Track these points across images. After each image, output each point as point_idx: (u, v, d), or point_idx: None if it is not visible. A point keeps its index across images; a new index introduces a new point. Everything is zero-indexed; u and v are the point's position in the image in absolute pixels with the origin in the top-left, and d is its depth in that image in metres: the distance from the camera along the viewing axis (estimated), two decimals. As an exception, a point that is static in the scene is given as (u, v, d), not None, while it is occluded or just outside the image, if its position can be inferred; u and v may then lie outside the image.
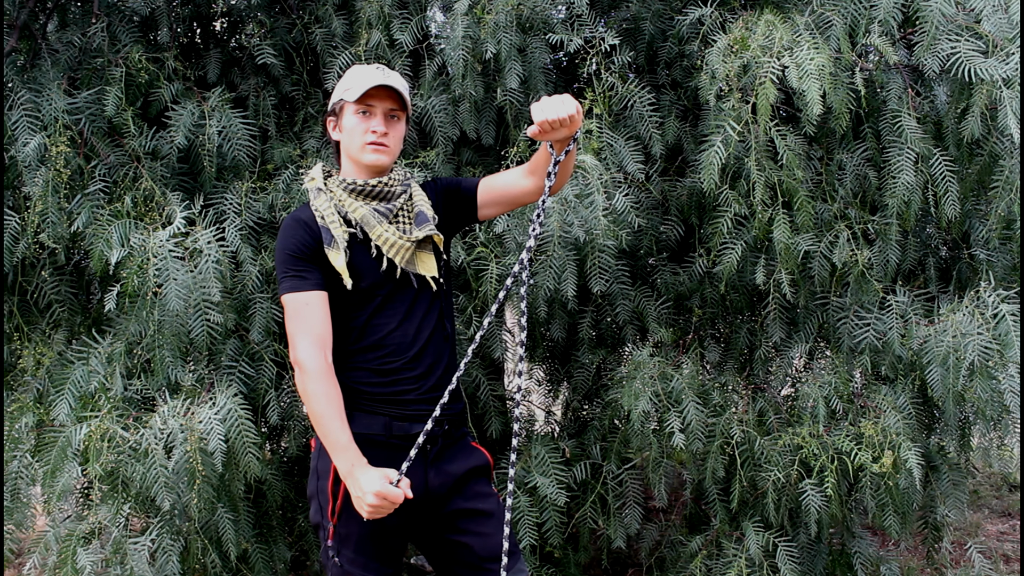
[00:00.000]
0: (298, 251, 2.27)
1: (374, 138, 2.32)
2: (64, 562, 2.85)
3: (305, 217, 2.31)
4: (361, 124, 2.33)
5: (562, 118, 2.08)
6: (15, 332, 3.25)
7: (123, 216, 2.92)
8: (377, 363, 2.31)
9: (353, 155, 2.35)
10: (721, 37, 3.00)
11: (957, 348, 2.91)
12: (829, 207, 3.16)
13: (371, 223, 2.30)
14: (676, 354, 3.34)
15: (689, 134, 3.41)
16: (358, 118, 2.33)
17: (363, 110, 2.32)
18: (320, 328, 2.25)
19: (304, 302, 2.24)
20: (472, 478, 2.41)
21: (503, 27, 3.11)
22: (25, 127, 2.98)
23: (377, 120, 2.33)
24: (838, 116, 2.99)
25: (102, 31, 3.22)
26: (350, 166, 2.39)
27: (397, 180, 2.37)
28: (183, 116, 3.13)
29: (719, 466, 3.14)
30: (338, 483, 2.27)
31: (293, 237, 2.28)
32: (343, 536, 2.30)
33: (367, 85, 2.28)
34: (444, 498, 2.36)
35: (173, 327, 2.86)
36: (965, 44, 2.84)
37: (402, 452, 2.26)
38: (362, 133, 2.32)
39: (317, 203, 2.32)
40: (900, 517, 3.15)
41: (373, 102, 2.32)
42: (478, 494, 2.40)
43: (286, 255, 2.28)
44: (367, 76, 2.31)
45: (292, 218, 2.33)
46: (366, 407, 2.31)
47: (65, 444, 2.76)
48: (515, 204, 2.47)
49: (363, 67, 2.37)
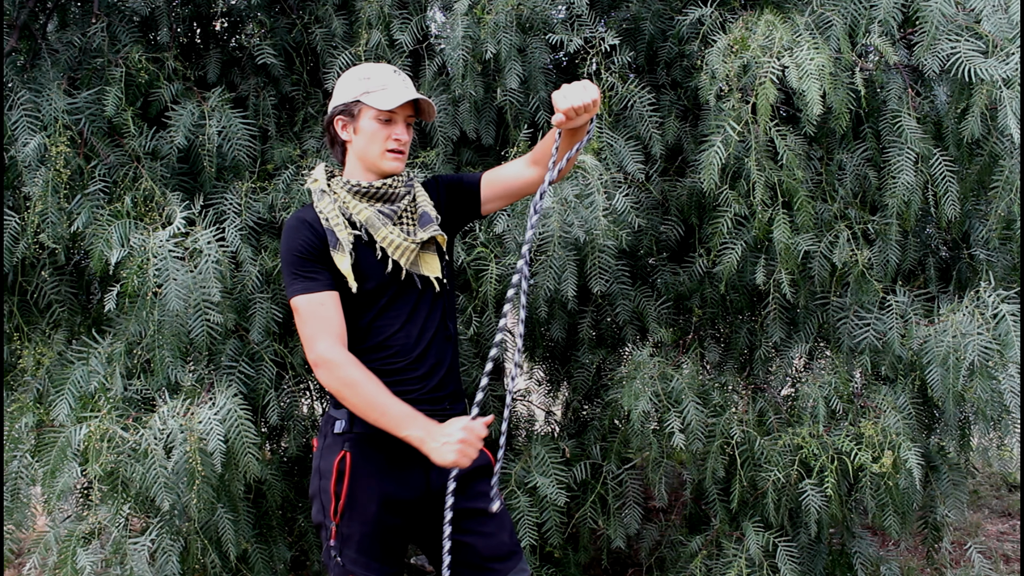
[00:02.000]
0: (305, 252, 2.26)
1: (396, 146, 2.33)
2: (64, 562, 2.85)
3: (309, 218, 2.31)
4: (383, 131, 2.32)
5: (586, 103, 2.09)
6: (15, 332, 3.25)
7: (123, 216, 2.92)
8: (380, 364, 2.30)
9: (370, 160, 2.34)
10: (721, 37, 3.00)
11: (957, 348, 2.91)
12: (829, 207, 3.16)
13: (376, 225, 2.29)
14: (676, 354, 3.33)
15: (689, 134, 3.41)
16: (379, 124, 2.32)
17: (386, 118, 2.32)
18: (338, 327, 2.25)
19: (319, 303, 2.24)
20: (475, 478, 2.40)
21: (503, 27, 3.11)
22: (25, 127, 2.98)
23: (400, 128, 2.33)
24: (838, 116, 2.98)
25: (102, 31, 3.22)
26: (357, 168, 2.38)
27: (401, 181, 2.37)
28: (183, 116, 3.12)
29: (719, 466, 3.14)
30: (340, 482, 2.27)
31: (299, 238, 2.28)
32: (345, 536, 2.30)
33: (400, 99, 2.28)
34: (443, 504, 2.32)
35: (173, 327, 2.85)
36: (965, 44, 2.83)
37: (406, 452, 2.24)
38: (383, 140, 2.32)
39: (321, 205, 2.32)
40: (900, 517, 3.15)
41: (396, 110, 2.32)
42: (481, 494, 2.39)
43: (293, 257, 2.27)
44: (393, 86, 2.31)
45: (296, 219, 2.32)
46: None
47: (65, 444, 2.76)
48: (519, 195, 2.48)
49: (380, 68, 2.35)
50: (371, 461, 2.30)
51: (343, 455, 2.29)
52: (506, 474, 3.22)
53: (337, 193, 2.33)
